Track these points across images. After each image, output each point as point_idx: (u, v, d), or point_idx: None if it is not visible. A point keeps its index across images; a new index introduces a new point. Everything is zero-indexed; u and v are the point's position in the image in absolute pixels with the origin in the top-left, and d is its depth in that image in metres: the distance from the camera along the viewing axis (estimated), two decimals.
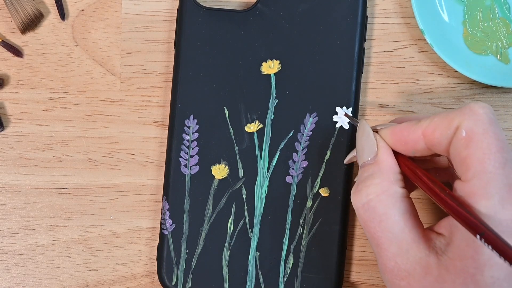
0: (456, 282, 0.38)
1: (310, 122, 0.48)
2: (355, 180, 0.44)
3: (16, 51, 0.50)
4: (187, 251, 0.48)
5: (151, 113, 0.50)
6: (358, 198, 0.41)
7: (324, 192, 0.48)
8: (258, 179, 0.48)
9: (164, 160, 0.49)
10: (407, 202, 0.41)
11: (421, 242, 0.40)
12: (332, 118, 0.48)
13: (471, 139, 0.39)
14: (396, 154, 0.43)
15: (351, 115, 0.47)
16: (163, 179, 0.49)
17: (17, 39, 0.50)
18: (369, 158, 0.42)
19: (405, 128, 0.42)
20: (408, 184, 0.43)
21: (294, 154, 0.48)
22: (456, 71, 0.49)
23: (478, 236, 0.36)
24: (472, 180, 0.38)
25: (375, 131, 0.43)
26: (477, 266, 0.38)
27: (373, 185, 0.41)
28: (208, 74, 0.48)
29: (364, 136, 0.43)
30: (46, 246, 0.50)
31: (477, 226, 0.37)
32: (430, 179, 0.40)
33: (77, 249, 0.50)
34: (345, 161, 0.46)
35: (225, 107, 0.48)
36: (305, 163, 0.48)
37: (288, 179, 0.48)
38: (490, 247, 0.36)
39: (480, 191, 0.38)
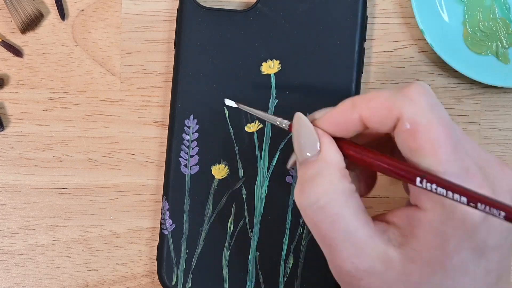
0: (424, 271, 0.37)
1: None
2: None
3: (16, 51, 0.50)
4: (187, 251, 0.48)
5: (151, 113, 0.50)
6: (305, 199, 0.39)
7: None
8: (258, 179, 0.48)
9: (164, 160, 0.49)
10: (357, 197, 0.39)
11: (375, 237, 0.38)
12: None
13: (416, 131, 0.37)
14: (337, 138, 0.40)
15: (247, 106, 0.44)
16: (163, 179, 0.49)
17: (17, 39, 0.50)
18: (311, 154, 0.39)
19: (341, 114, 0.39)
20: (360, 182, 0.42)
21: None
22: (456, 71, 0.49)
23: (418, 179, 0.36)
24: (428, 169, 0.37)
25: (313, 122, 0.41)
26: (446, 253, 0.37)
27: (321, 184, 0.38)
28: (208, 74, 0.48)
29: (302, 130, 0.40)
30: (46, 246, 0.50)
31: (418, 171, 0.37)
32: (372, 152, 0.39)
33: (77, 249, 0.50)
34: (288, 166, 0.43)
35: (225, 107, 0.48)
36: None
37: (288, 179, 0.48)
38: (434, 185, 0.36)
39: None
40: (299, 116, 0.40)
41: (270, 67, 0.48)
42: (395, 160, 0.38)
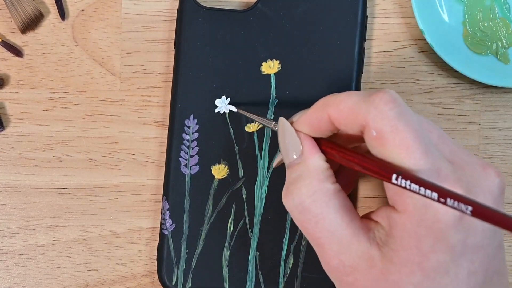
0: (402, 272, 0.38)
1: None
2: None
3: (16, 51, 0.50)
4: (187, 251, 0.48)
5: (151, 113, 0.50)
6: (290, 201, 0.40)
7: None
8: (258, 179, 0.48)
9: (164, 160, 0.49)
10: (340, 197, 0.40)
11: (360, 235, 0.39)
12: None
13: (382, 137, 0.38)
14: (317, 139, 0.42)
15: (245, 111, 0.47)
16: (163, 179, 0.49)
17: (17, 39, 0.50)
18: (295, 157, 0.41)
19: (314, 113, 0.41)
20: (344, 179, 0.43)
21: None
22: (456, 71, 0.49)
23: (394, 176, 0.37)
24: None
25: (292, 125, 0.42)
26: (422, 254, 0.37)
27: (304, 186, 0.40)
28: (208, 74, 0.48)
29: (286, 134, 0.41)
30: (46, 246, 0.50)
31: (393, 168, 0.37)
32: (350, 150, 0.40)
33: (77, 249, 0.50)
34: (274, 165, 0.45)
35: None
36: None
37: None
38: (408, 182, 0.36)
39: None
40: (282, 121, 0.42)
41: (270, 67, 0.48)
42: (373, 158, 0.39)
